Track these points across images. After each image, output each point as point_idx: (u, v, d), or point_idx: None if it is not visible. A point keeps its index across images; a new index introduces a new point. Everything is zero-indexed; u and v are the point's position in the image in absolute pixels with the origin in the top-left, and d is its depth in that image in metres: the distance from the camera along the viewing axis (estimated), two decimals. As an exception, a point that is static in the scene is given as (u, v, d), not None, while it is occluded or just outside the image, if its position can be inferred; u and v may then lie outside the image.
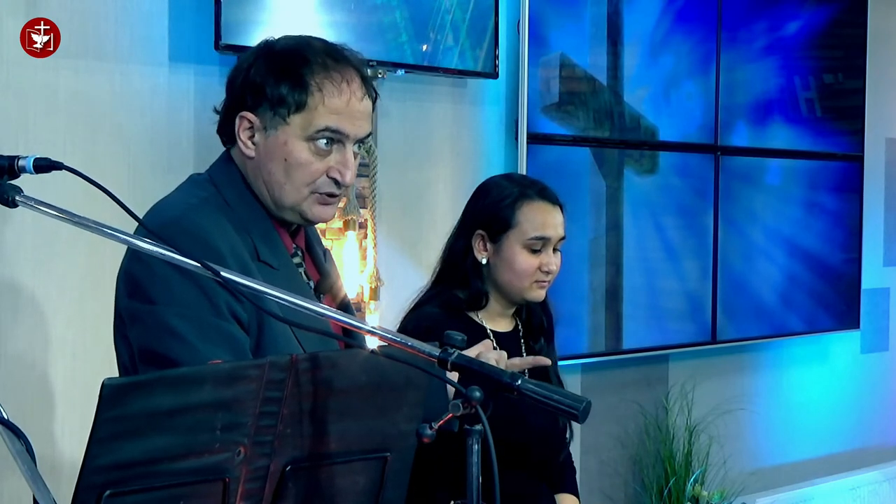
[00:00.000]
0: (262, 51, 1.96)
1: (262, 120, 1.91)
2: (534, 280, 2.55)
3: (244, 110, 1.92)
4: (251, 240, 1.91)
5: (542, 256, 2.55)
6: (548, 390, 1.57)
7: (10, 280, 2.99)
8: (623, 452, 4.62)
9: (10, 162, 1.61)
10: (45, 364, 3.04)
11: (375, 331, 1.62)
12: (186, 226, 1.83)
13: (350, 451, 1.55)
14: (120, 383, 1.30)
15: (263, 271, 1.88)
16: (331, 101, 1.90)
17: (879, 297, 5.70)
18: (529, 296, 2.57)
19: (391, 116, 3.80)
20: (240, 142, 1.94)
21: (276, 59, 1.93)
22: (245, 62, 1.96)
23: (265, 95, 1.90)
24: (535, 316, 2.67)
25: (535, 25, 4.06)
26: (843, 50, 5.32)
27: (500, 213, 2.55)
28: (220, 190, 1.95)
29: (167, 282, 1.79)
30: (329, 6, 3.44)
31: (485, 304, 2.58)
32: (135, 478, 1.33)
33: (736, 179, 4.88)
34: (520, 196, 2.56)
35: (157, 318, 1.80)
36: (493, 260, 2.56)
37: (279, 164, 1.91)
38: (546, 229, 2.55)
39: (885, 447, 5.76)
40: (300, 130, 1.90)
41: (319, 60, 1.91)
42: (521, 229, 2.54)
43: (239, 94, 1.93)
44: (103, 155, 3.09)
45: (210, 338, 1.79)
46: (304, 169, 1.91)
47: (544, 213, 2.56)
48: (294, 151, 1.91)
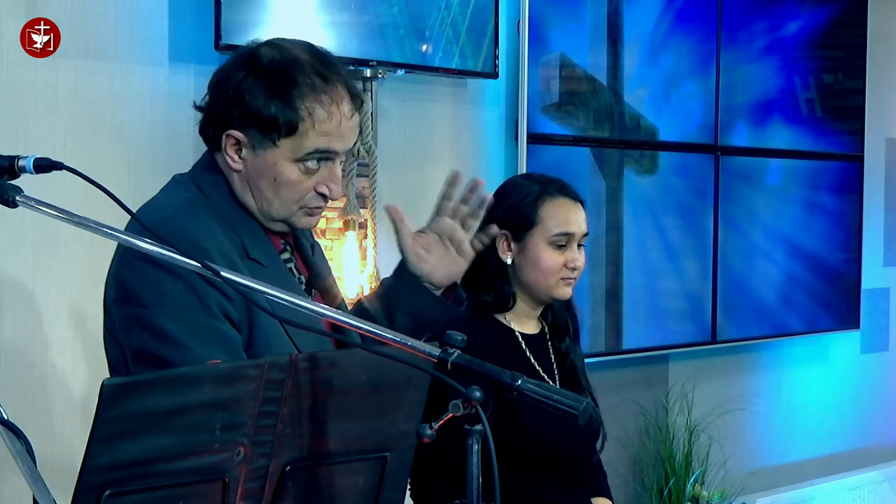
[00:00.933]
0: (249, 64, 1.93)
1: (251, 139, 1.91)
2: (560, 277, 2.54)
3: (232, 128, 1.91)
4: (239, 238, 1.92)
5: (566, 253, 2.55)
6: (548, 390, 1.57)
7: (10, 280, 2.99)
8: (623, 452, 4.62)
9: (10, 162, 1.61)
10: (45, 364, 3.04)
11: (375, 330, 1.62)
12: (173, 228, 1.82)
13: (349, 450, 1.55)
14: (119, 383, 1.31)
15: (253, 269, 1.88)
16: (321, 126, 1.90)
17: (879, 297, 5.70)
18: (556, 293, 2.56)
19: (391, 116, 3.80)
20: (227, 156, 1.93)
21: (265, 78, 1.90)
22: (231, 73, 1.94)
23: (254, 116, 1.89)
24: (560, 317, 2.66)
25: (535, 25, 4.06)
26: (843, 50, 5.32)
27: (522, 211, 2.55)
28: (204, 191, 1.95)
29: (158, 285, 1.80)
30: (329, 6, 3.44)
31: (512, 306, 2.58)
32: (134, 478, 1.33)
33: (736, 179, 4.87)
34: (541, 193, 2.56)
35: (149, 322, 1.80)
36: (518, 260, 2.56)
37: (268, 182, 1.92)
38: (569, 225, 2.55)
39: (885, 447, 5.75)
40: (289, 153, 1.90)
41: (308, 81, 1.90)
42: (544, 226, 2.54)
43: (226, 109, 1.92)
44: (103, 155, 3.09)
45: (203, 338, 1.80)
46: (293, 188, 1.92)
47: (566, 210, 2.56)
48: (283, 172, 1.91)
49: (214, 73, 2.00)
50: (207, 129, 1.96)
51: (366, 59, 3.51)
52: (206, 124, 1.96)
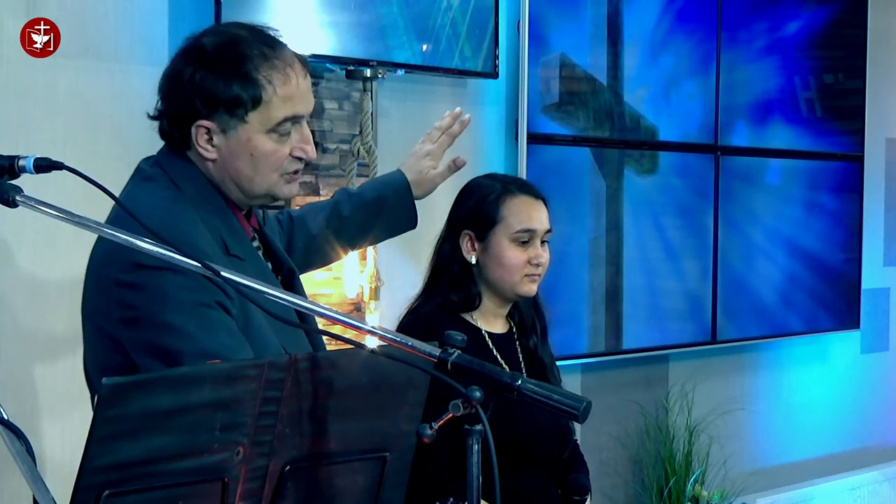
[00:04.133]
0: (193, 53, 1.96)
1: (220, 124, 1.94)
2: (524, 274, 2.57)
3: (198, 119, 1.93)
4: (220, 235, 1.94)
5: (529, 249, 2.58)
6: (548, 390, 1.57)
7: (11, 279, 2.99)
8: (623, 452, 4.62)
9: (10, 162, 1.62)
10: (45, 364, 3.04)
11: (375, 330, 1.63)
12: (168, 229, 1.82)
13: (349, 450, 1.55)
14: (119, 383, 1.30)
15: (234, 264, 1.90)
16: (282, 90, 1.94)
17: (879, 297, 5.70)
18: (521, 290, 2.58)
19: (391, 116, 3.80)
20: (199, 148, 1.95)
21: (215, 61, 1.93)
22: (180, 70, 1.96)
23: (218, 100, 1.92)
24: (528, 316, 2.68)
25: (535, 25, 4.06)
26: (843, 50, 5.32)
27: (484, 210, 2.59)
28: (180, 186, 1.96)
29: (159, 286, 1.81)
30: (329, 6, 3.44)
31: (478, 305, 2.60)
32: (134, 478, 1.33)
33: (736, 179, 4.87)
34: (503, 192, 2.60)
35: (156, 319, 1.82)
36: (483, 258, 2.59)
37: (245, 161, 1.95)
38: (531, 221, 2.58)
39: (885, 447, 5.75)
40: (260, 125, 1.94)
41: (257, 52, 1.94)
42: (506, 223, 2.57)
43: (187, 103, 1.94)
44: (103, 155, 3.09)
45: (209, 327, 1.82)
46: (270, 158, 1.96)
47: (528, 207, 2.59)
48: (259, 146, 1.95)
49: (163, 76, 2.01)
50: (172, 133, 1.98)
51: (366, 59, 3.51)
52: (171, 128, 1.98)
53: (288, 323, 1.80)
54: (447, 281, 2.59)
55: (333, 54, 3.45)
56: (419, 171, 2.52)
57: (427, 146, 2.55)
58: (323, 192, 3.59)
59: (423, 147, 2.55)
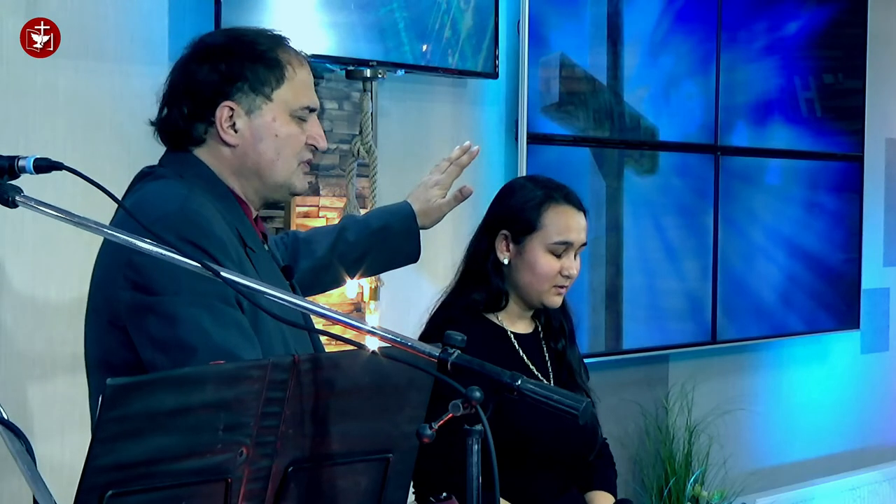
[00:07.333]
0: (209, 53, 1.99)
1: (245, 104, 1.96)
2: (553, 284, 2.57)
3: (223, 100, 1.95)
4: (235, 228, 1.95)
5: (563, 260, 2.57)
6: (547, 390, 1.57)
7: (10, 280, 2.99)
8: (623, 452, 4.61)
9: (10, 162, 1.61)
10: (44, 364, 3.04)
11: (375, 331, 1.62)
12: (189, 215, 1.85)
13: (352, 451, 1.55)
14: (123, 383, 1.30)
15: (251, 257, 1.93)
16: (300, 72, 2.01)
17: (879, 297, 5.70)
18: (547, 301, 2.58)
19: (391, 116, 3.80)
20: (221, 132, 1.97)
21: (234, 53, 1.97)
22: (195, 70, 1.98)
23: (245, 79, 1.96)
24: (555, 318, 2.68)
25: (535, 25, 4.06)
26: (843, 50, 5.32)
27: (524, 214, 2.57)
28: (192, 182, 1.97)
29: (173, 272, 1.78)
30: (329, 6, 3.44)
31: (504, 305, 2.59)
32: (137, 478, 1.33)
33: (736, 179, 4.87)
34: (545, 199, 2.58)
35: (168, 308, 1.81)
36: (515, 261, 2.58)
37: (269, 142, 1.98)
38: (570, 234, 2.57)
39: (885, 447, 5.75)
40: (284, 105, 1.98)
41: (266, 43, 1.99)
42: (545, 232, 2.56)
43: (210, 89, 1.96)
44: (103, 155, 3.09)
45: (223, 323, 1.82)
46: (293, 140, 2.00)
47: (568, 218, 2.58)
48: (283, 127, 1.99)
49: (170, 84, 2.03)
50: (187, 129, 1.99)
51: (366, 59, 3.51)
52: (186, 123, 1.99)
53: (289, 323, 1.79)
54: (478, 277, 2.59)
55: (333, 54, 3.45)
56: (427, 200, 2.51)
57: (436, 176, 2.53)
58: (323, 192, 3.59)
59: (431, 177, 2.54)
